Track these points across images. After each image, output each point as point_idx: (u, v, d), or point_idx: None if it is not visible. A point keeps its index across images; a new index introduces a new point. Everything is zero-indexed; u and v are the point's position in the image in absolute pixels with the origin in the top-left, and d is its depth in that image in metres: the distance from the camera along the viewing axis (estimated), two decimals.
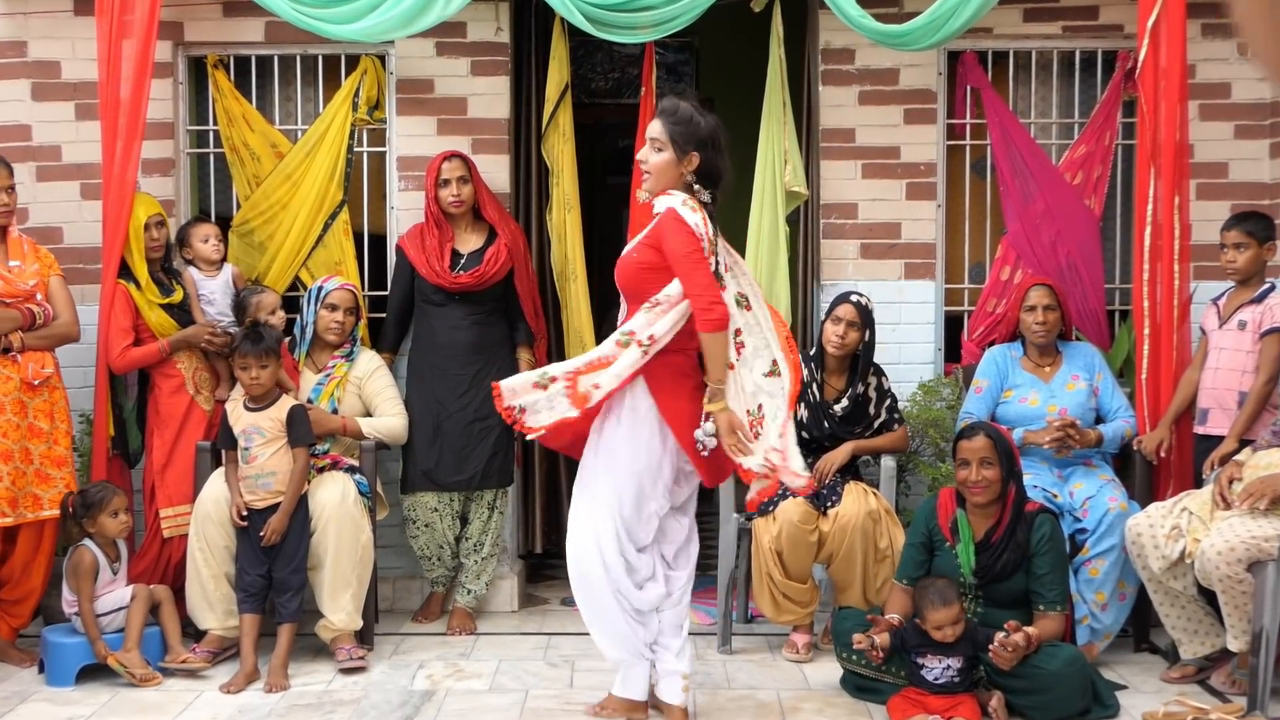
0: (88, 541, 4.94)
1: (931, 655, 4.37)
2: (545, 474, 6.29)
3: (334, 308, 5.46)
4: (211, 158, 6.01)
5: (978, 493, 4.49)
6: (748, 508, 4.63)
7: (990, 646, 4.27)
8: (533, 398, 4.11)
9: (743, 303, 4.17)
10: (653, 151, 4.14)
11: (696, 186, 4.12)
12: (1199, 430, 5.09)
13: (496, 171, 5.86)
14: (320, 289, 5.51)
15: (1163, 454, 5.13)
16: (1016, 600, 4.51)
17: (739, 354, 4.13)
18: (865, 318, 5.19)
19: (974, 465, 4.49)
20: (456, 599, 5.69)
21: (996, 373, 5.38)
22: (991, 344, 5.62)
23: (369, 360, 5.57)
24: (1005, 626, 4.29)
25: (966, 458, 4.51)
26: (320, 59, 5.95)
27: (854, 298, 5.21)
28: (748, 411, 4.13)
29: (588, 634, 5.45)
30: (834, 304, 5.26)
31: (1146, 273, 5.23)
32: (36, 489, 5.04)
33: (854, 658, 4.52)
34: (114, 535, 4.98)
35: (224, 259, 5.63)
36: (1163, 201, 5.17)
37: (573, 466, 6.35)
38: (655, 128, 4.13)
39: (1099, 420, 5.30)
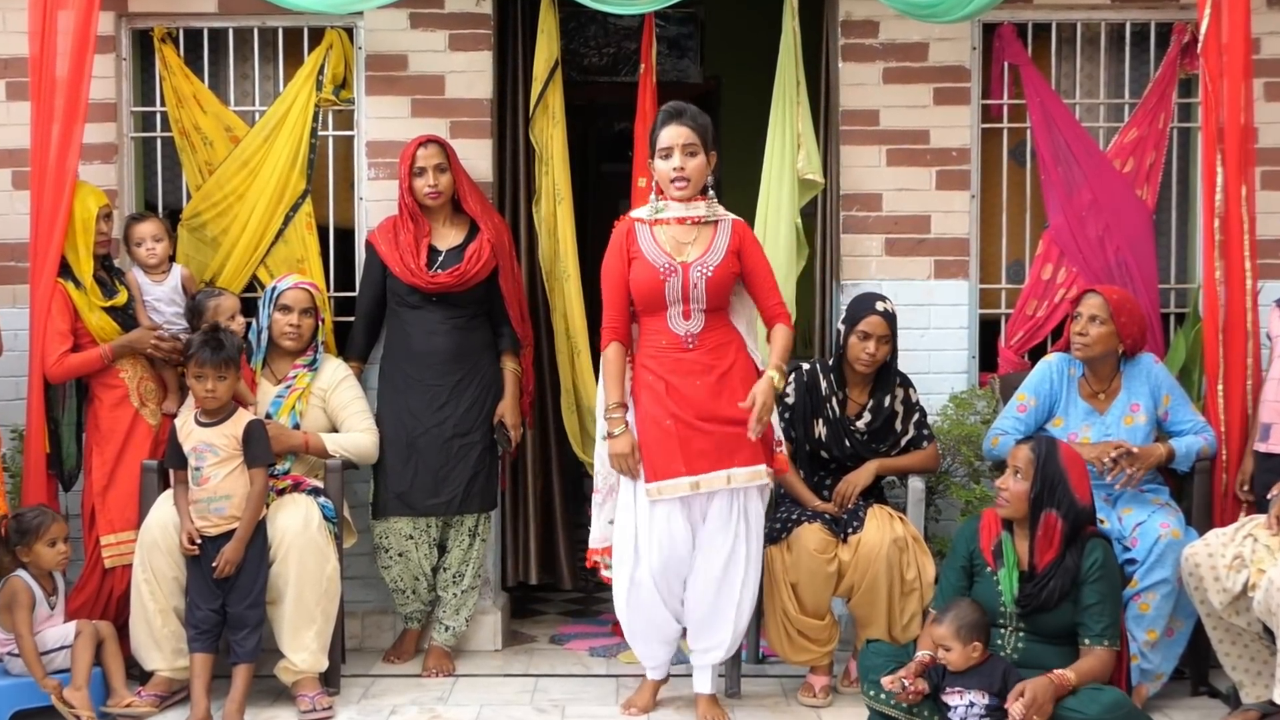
0: (21, 572, 4.97)
1: (951, 691, 4.41)
2: (540, 497, 6.31)
3: (287, 309, 5.49)
4: (159, 142, 6.04)
5: (999, 504, 4.62)
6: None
7: (1008, 706, 4.29)
8: None
9: None
10: (688, 157, 4.79)
11: (711, 192, 4.87)
12: (1260, 448, 5.09)
13: (478, 158, 5.89)
14: (274, 289, 5.53)
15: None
16: (1062, 634, 4.54)
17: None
18: (894, 328, 5.23)
19: (1008, 472, 4.59)
20: (433, 636, 5.71)
21: (1048, 393, 5.31)
22: (1035, 351, 5.62)
23: (335, 369, 5.59)
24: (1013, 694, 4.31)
25: (1008, 463, 4.65)
26: (280, 32, 5.99)
27: (879, 306, 5.21)
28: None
29: (578, 676, 5.52)
30: (856, 314, 5.23)
31: (1219, 271, 5.23)
32: None
33: (883, 698, 4.54)
34: (50, 567, 5.01)
35: (172, 258, 5.64)
36: (1230, 190, 5.19)
37: (567, 490, 6.43)
38: (684, 133, 4.77)
39: None
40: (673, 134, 4.77)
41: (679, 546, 4.81)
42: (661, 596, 4.86)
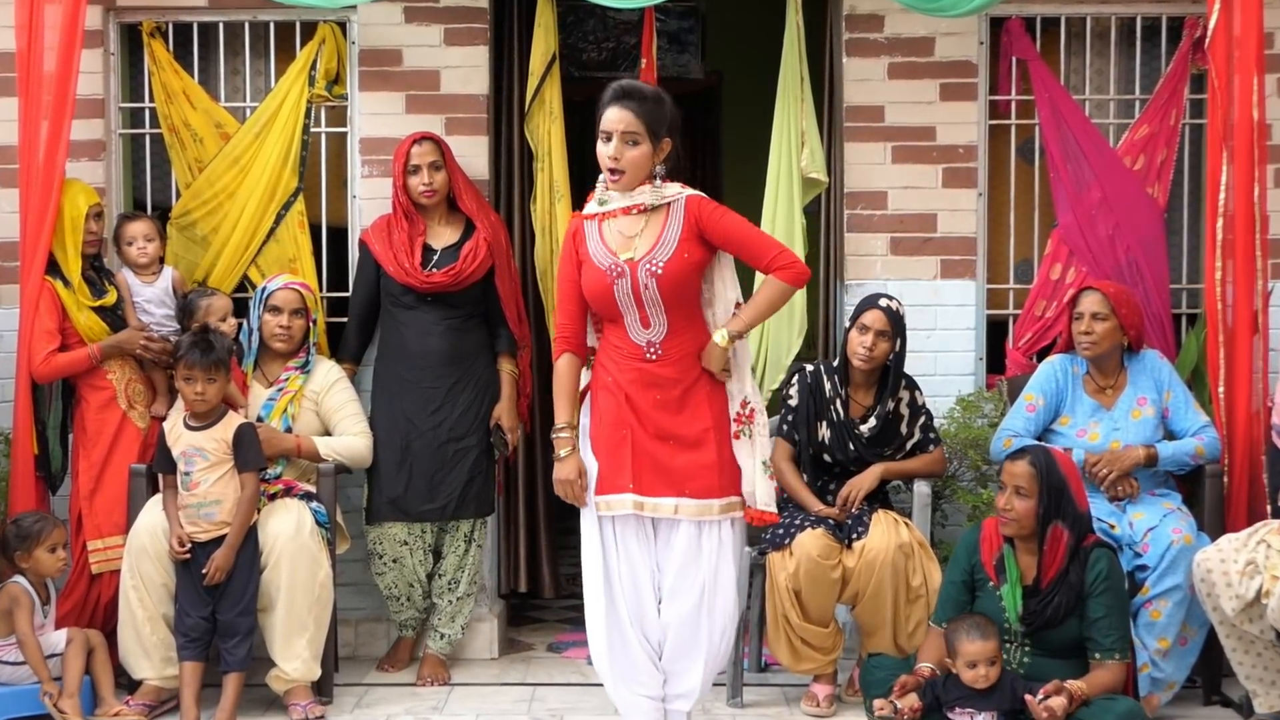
0: (19, 579, 4.98)
1: (961, 710, 4.41)
2: (527, 503, 6.31)
3: (277, 310, 5.49)
4: (147, 139, 6.05)
5: (1003, 523, 4.59)
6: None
7: (1027, 697, 4.30)
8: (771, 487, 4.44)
9: None
10: (627, 146, 4.25)
11: (659, 179, 4.31)
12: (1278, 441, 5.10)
13: (474, 155, 5.89)
14: (264, 290, 5.54)
15: None
16: (1070, 648, 4.55)
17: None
18: (896, 325, 5.23)
19: (1008, 492, 4.55)
20: (428, 644, 5.72)
21: (1055, 391, 5.37)
22: (1044, 353, 5.63)
23: (327, 371, 5.60)
24: (1043, 690, 4.32)
25: (1004, 482, 4.60)
26: (272, 26, 5.99)
27: (883, 302, 5.24)
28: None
29: (576, 685, 5.51)
30: (860, 309, 5.28)
31: (1220, 270, 5.25)
32: None
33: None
34: (49, 574, 5.04)
35: (161, 260, 5.65)
36: (1237, 189, 5.20)
37: (554, 496, 6.40)
38: (625, 118, 4.23)
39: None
40: (612, 118, 4.24)
41: (639, 571, 4.38)
42: (638, 636, 4.39)
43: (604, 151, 4.28)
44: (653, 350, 4.34)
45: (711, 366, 4.33)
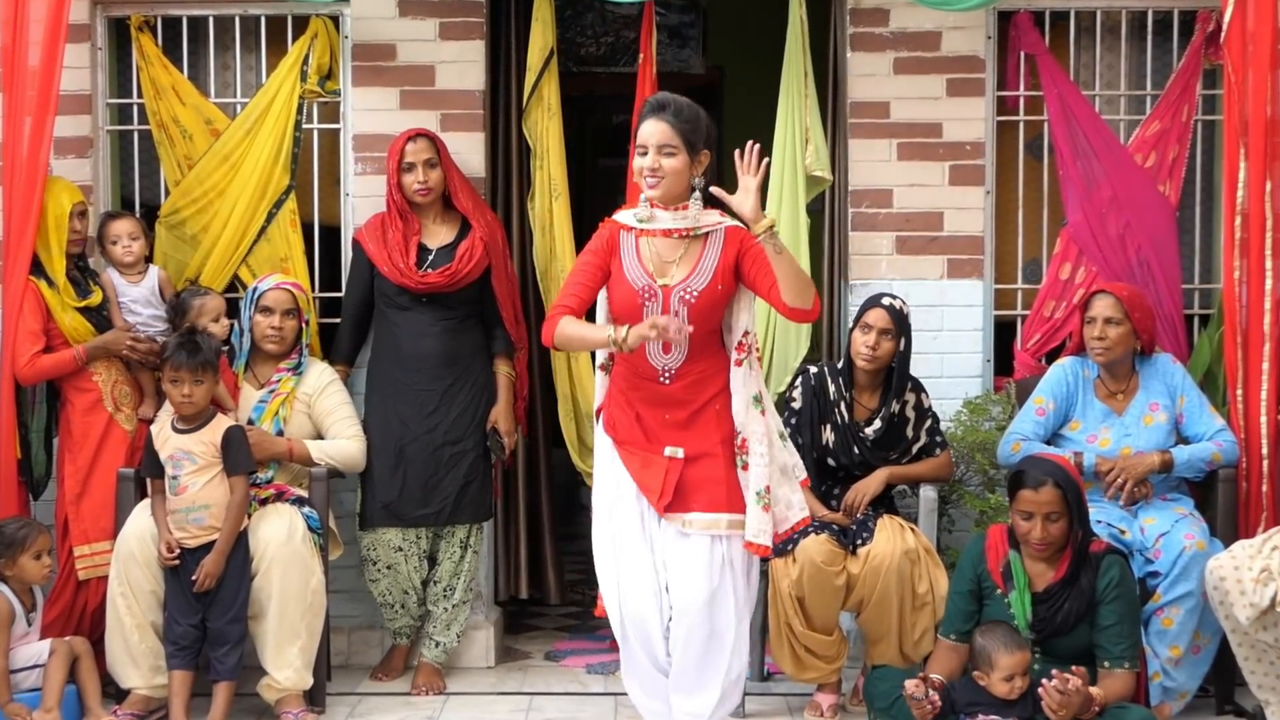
0: (2, 586, 4.96)
1: (982, 716, 4.40)
2: (528, 508, 6.30)
3: (269, 311, 5.48)
4: (135, 136, 6.03)
5: (1040, 549, 4.57)
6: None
7: (1043, 682, 4.28)
8: (767, 520, 4.38)
9: None
10: (664, 157, 4.34)
11: (697, 194, 4.37)
12: None
13: (470, 152, 5.88)
14: (255, 290, 5.53)
15: None
16: (1080, 655, 4.56)
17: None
18: (900, 324, 5.21)
19: (1038, 521, 4.52)
20: (423, 653, 5.70)
21: (1065, 395, 5.36)
22: (1053, 354, 5.62)
23: (320, 373, 5.58)
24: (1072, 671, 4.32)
25: (1029, 510, 4.55)
26: (263, 20, 5.98)
27: (886, 301, 5.24)
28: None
29: (574, 694, 5.50)
30: (863, 309, 5.28)
31: (1237, 270, 5.24)
32: None
33: None
34: (34, 581, 5.03)
35: (149, 259, 5.63)
36: (1250, 187, 5.19)
37: (556, 500, 6.41)
38: (664, 132, 4.32)
39: None
40: (648, 131, 4.34)
41: (643, 584, 4.39)
42: (645, 649, 4.43)
43: (642, 164, 4.37)
44: (667, 375, 4.42)
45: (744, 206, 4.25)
